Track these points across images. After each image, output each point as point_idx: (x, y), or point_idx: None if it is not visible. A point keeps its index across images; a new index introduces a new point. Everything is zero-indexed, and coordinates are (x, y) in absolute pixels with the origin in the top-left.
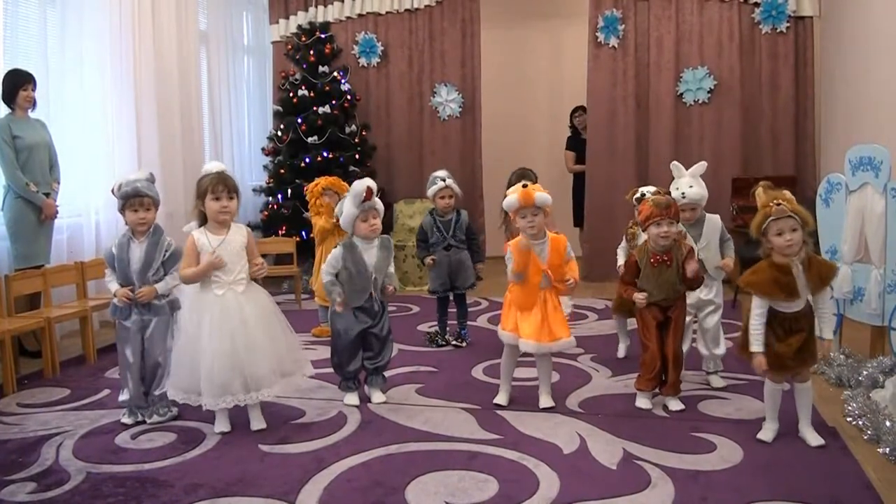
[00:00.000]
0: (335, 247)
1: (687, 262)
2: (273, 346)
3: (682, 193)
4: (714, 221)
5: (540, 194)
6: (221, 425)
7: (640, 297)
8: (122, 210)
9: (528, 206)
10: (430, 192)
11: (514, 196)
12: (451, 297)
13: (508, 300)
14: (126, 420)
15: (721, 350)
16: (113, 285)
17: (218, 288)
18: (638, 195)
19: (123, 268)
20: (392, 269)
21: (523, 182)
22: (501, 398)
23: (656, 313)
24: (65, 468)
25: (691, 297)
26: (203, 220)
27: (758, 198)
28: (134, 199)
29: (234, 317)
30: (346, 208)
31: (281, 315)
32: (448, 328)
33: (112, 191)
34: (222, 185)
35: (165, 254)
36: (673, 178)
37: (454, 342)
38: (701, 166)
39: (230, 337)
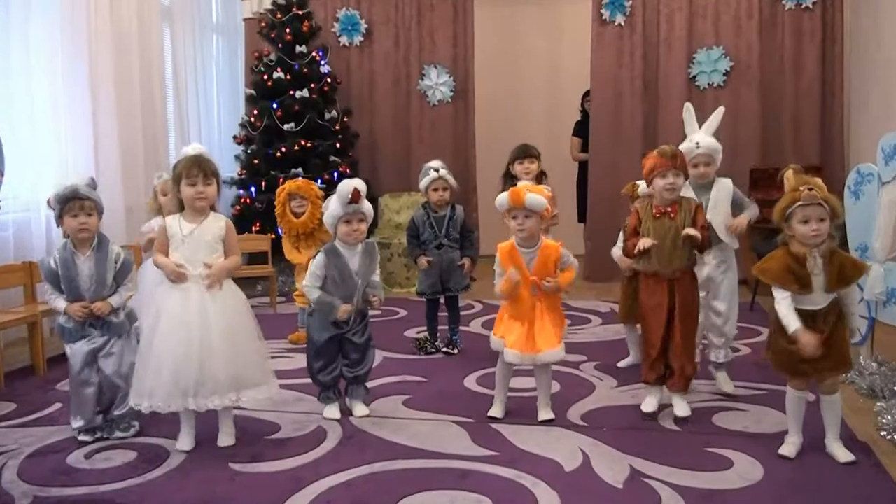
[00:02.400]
0: (314, 255)
1: (696, 218)
2: (234, 353)
3: (697, 143)
4: (724, 184)
5: (532, 196)
6: (184, 442)
7: (646, 241)
8: (59, 217)
9: (517, 206)
10: (423, 184)
11: (504, 195)
12: (442, 301)
13: (503, 306)
14: (84, 438)
15: (731, 329)
16: (60, 303)
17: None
18: (641, 185)
19: (72, 287)
20: (377, 277)
21: (512, 184)
22: (496, 410)
23: (660, 290)
24: (7, 491)
25: (700, 274)
26: (180, 207)
27: (786, 181)
28: (73, 203)
29: (194, 313)
30: (332, 206)
31: (251, 319)
32: (438, 334)
33: (48, 202)
34: (197, 168)
35: (116, 266)
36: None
37: (445, 349)
38: (716, 116)
39: (186, 335)
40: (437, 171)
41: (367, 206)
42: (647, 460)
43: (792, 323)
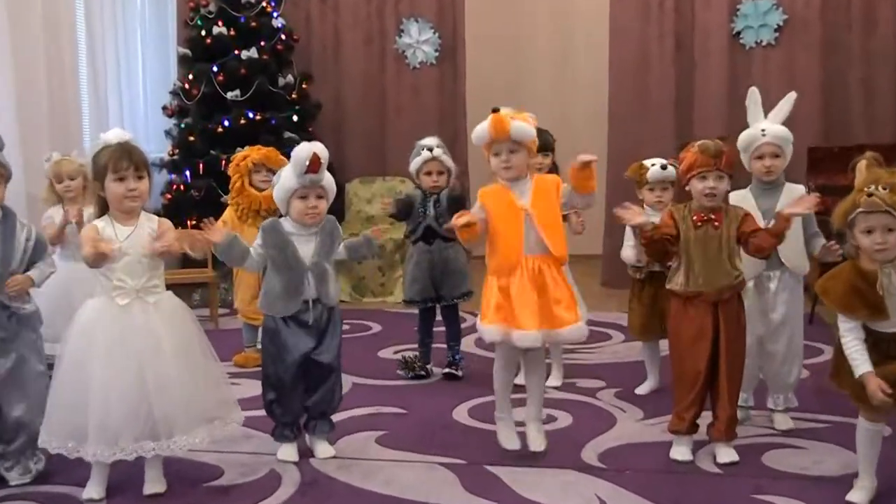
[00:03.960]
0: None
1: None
2: (192, 380)
3: (763, 130)
4: (796, 192)
5: (518, 124)
6: (93, 489)
7: (636, 219)
8: None
9: (501, 138)
10: (413, 165)
11: (483, 125)
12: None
13: (490, 274)
14: None
15: (795, 377)
16: None
17: (121, 297)
18: (652, 167)
19: None
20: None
21: (494, 106)
22: (506, 438)
23: (703, 315)
24: None
25: (749, 297)
26: (104, 209)
27: (857, 174)
28: None
29: (141, 336)
30: (284, 177)
31: (203, 337)
32: (431, 353)
33: None
34: (127, 159)
35: (29, 244)
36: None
37: (447, 371)
38: (786, 103)
39: (135, 363)
40: (429, 150)
41: (328, 178)
42: None
43: (860, 363)
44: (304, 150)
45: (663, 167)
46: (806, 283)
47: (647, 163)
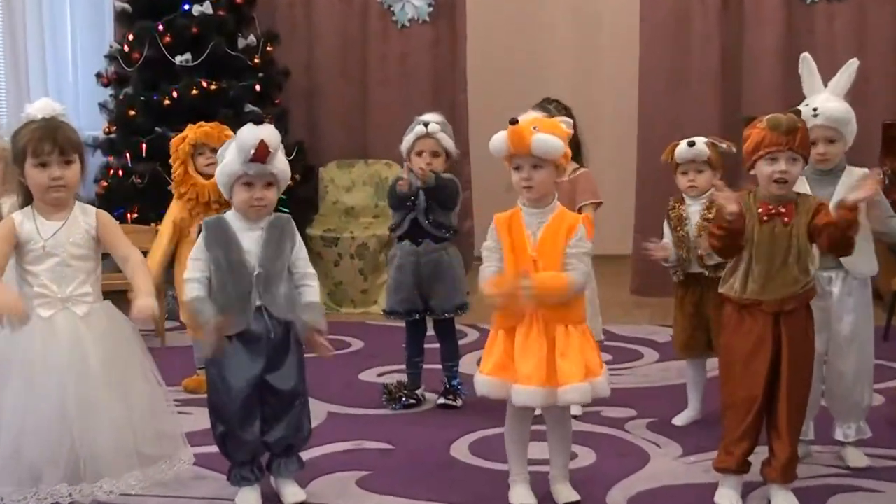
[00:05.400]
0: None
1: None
2: (127, 410)
3: (815, 109)
4: (858, 177)
5: (541, 137)
6: None
7: (731, 206)
8: None
9: (521, 153)
10: (405, 143)
11: (501, 136)
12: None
13: (496, 319)
14: None
15: (866, 399)
16: None
17: (44, 308)
18: (682, 147)
19: None
20: (312, 287)
21: (512, 118)
22: (520, 494)
23: (761, 328)
24: None
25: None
26: (28, 198)
27: None
28: None
29: (66, 355)
30: (228, 159)
31: (146, 356)
32: (421, 376)
33: None
34: (50, 142)
35: None
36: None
37: (442, 401)
38: (847, 71)
39: (56, 388)
40: (424, 126)
41: (279, 162)
42: None
43: None
44: (249, 135)
45: (690, 144)
46: (876, 288)
47: (685, 141)
